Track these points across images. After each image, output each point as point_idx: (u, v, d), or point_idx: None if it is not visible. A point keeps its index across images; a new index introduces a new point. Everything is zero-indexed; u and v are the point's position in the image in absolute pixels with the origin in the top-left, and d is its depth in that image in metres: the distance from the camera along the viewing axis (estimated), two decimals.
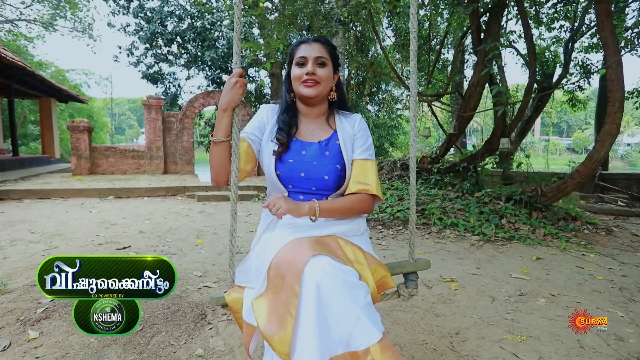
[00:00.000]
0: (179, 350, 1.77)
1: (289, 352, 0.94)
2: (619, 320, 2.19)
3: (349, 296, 0.96)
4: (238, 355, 1.74)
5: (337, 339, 0.94)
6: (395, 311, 2.27)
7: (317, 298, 0.94)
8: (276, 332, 0.96)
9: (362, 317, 0.94)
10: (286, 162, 1.23)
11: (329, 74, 1.25)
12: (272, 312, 0.99)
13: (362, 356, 0.93)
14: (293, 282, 0.97)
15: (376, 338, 0.94)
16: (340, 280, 0.97)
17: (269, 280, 1.04)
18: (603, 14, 3.82)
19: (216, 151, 1.20)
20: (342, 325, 0.94)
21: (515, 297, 2.52)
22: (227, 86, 1.17)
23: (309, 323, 0.94)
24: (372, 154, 1.29)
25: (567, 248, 3.71)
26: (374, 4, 7.02)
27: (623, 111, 4.00)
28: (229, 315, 2.11)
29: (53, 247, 3.39)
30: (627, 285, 2.76)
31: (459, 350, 1.84)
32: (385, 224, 4.53)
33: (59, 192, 6.21)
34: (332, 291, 0.95)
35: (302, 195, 1.24)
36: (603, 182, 7.51)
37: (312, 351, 0.92)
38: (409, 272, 1.37)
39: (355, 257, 1.13)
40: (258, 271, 1.12)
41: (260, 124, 1.30)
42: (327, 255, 1.02)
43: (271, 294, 1.02)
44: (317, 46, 1.24)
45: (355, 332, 0.93)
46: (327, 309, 0.95)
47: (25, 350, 1.72)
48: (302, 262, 0.98)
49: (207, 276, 2.76)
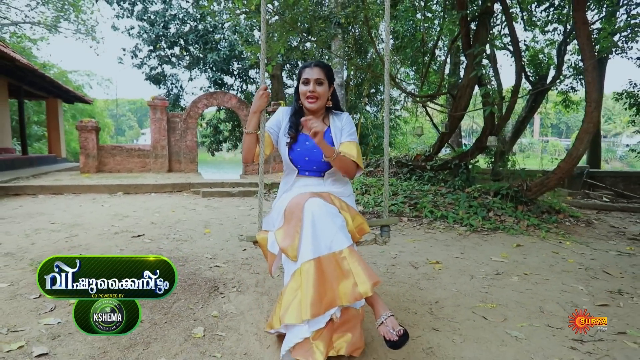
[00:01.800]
0: (197, 312, 2.08)
1: (296, 254, 1.52)
2: (578, 292, 2.51)
3: (331, 220, 1.54)
4: (248, 316, 2.05)
5: (323, 245, 1.51)
6: (384, 286, 2.58)
7: (312, 221, 1.52)
8: (289, 244, 1.53)
9: (338, 233, 1.53)
10: (295, 150, 1.81)
11: (326, 89, 1.78)
12: (286, 234, 1.56)
13: (338, 255, 1.50)
14: (298, 213, 1.55)
15: (347, 244, 1.52)
16: (326, 212, 1.56)
17: (285, 217, 1.62)
18: (580, 21, 4.14)
19: (247, 139, 1.77)
20: (326, 236, 1.51)
21: (492, 275, 2.83)
22: (256, 96, 1.72)
23: (307, 235, 1.51)
24: (355, 138, 1.83)
25: (546, 237, 4.03)
26: (370, 7, 7.34)
27: (600, 111, 4.32)
28: (238, 287, 2.44)
29: (74, 235, 3.70)
30: (593, 266, 3.08)
31: (436, 314, 2.15)
32: (379, 216, 4.85)
33: (71, 188, 6.53)
34: (321, 216, 1.53)
35: (308, 172, 1.82)
36: (591, 179, 7.82)
37: (308, 250, 1.49)
38: (383, 225, 1.94)
39: (342, 206, 1.70)
40: (277, 215, 1.69)
41: (277, 122, 1.86)
42: (320, 197, 1.62)
43: (285, 225, 1.60)
44: (317, 70, 1.76)
45: (334, 240, 1.51)
46: (318, 227, 1.52)
47: (68, 312, 2.02)
48: (303, 201, 1.58)
49: (216, 258, 3.07)
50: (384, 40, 10.28)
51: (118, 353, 1.65)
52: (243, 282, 2.54)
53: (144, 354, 1.65)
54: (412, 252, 3.43)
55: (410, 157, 7.50)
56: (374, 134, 12.04)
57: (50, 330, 1.82)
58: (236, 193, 6.80)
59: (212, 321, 1.98)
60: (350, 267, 1.47)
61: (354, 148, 1.77)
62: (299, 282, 1.48)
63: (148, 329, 1.87)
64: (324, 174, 1.82)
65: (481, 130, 6.26)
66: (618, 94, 9.43)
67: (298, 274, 1.49)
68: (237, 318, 2.03)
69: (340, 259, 1.49)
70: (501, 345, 1.81)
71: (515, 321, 2.07)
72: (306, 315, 1.41)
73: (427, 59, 8.03)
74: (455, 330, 1.96)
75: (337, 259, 1.49)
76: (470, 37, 5.57)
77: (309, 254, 1.48)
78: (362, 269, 1.47)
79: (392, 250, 3.44)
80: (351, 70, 12.70)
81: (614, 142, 42.31)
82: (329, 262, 1.48)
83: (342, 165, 1.72)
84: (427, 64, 7.72)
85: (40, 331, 1.81)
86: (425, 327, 1.98)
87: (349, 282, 1.45)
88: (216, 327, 1.92)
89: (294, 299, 1.47)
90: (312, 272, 1.45)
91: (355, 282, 1.45)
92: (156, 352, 1.67)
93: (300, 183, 1.82)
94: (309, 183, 1.81)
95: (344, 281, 1.46)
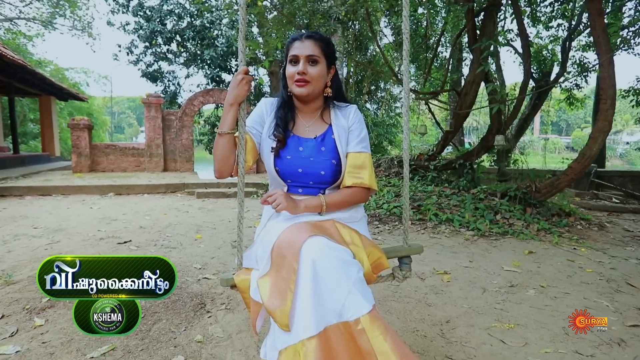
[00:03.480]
0: (179, 336, 1.84)
1: (288, 323, 1.02)
2: (604, 309, 2.27)
3: (342, 272, 1.04)
4: (236, 341, 1.82)
5: (330, 310, 1.01)
6: (388, 301, 2.34)
7: (313, 273, 1.02)
8: (278, 306, 1.03)
9: (353, 290, 1.02)
10: (284, 158, 1.28)
11: (321, 71, 1.27)
12: (275, 288, 1.07)
13: (354, 326, 1.00)
14: (292, 260, 1.05)
15: (366, 309, 1.01)
16: (334, 258, 1.06)
17: (272, 261, 1.12)
18: (595, 13, 3.89)
19: (221, 143, 1.24)
20: (335, 298, 1.01)
21: (506, 288, 2.60)
22: (233, 82, 1.22)
23: (305, 296, 1.01)
24: (367, 146, 1.33)
25: (559, 242, 3.79)
26: (371, 2, 7.08)
27: (614, 109, 4.07)
28: (227, 304, 2.20)
29: (55, 242, 3.46)
30: (614, 277, 2.84)
31: (448, 337, 1.91)
32: (381, 219, 4.61)
33: (60, 189, 6.28)
34: (327, 267, 1.04)
35: (301, 188, 1.31)
36: (599, 179, 7.58)
37: (308, 321, 0.99)
38: (403, 256, 1.47)
39: (352, 239, 1.21)
40: (263, 254, 1.19)
41: (259, 118, 1.34)
42: (323, 235, 1.10)
43: (274, 273, 1.10)
44: (309, 43, 1.25)
45: (347, 304, 1.01)
46: (322, 284, 1.02)
47: (32, 336, 1.79)
48: (300, 242, 1.07)
49: (206, 268, 2.83)
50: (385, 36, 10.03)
51: None
52: (233, 298, 2.30)
53: None
54: (418, 260, 3.18)
55: (413, 156, 7.25)
56: (375, 132, 11.78)
57: None
58: (232, 194, 6.56)
59: (195, 348, 1.74)
60: (372, 345, 0.99)
61: (366, 164, 1.30)
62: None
63: (120, 359, 1.63)
64: (325, 192, 1.32)
65: (487, 129, 6.01)
66: (625, 91, 9.17)
67: (292, 354, 1.01)
68: (223, 344, 1.79)
69: (356, 332, 1.00)
70: None
71: (538, 345, 1.83)
72: None
73: (429, 55, 7.77)
74: (471, 357, 1.72)
75: (352, 332, 1.01)
76: (477, 31, 5.32)
77: (311, 327, 0.99)
78: (391, 347, 0.98)
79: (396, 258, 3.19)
80: (351, 67, 12.43)
81: (614, 140, 42.16)
82: (339, 336, 1.01)
83: (343, 204, 1.30)
84: (430, 60, 7.46)
85: None
86: (437, 354, 1.75)
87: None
88: (199, 355, 1.68)
89: None
90: (316, 355, 0.97)
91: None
92: None
93: None
94: None
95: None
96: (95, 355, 1.64)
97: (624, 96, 9.33)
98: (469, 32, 5.39)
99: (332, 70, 1.33)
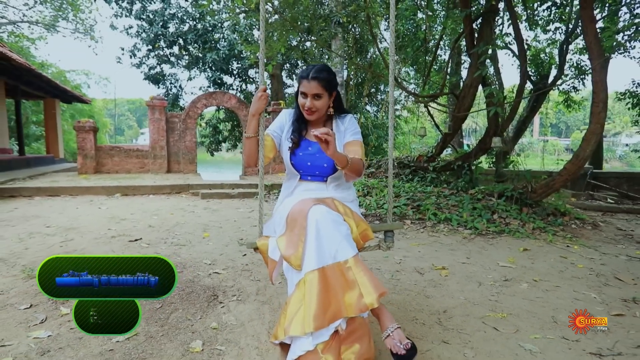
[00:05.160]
0: (195, 323, 1.99)
1: (300, 264, 1.47)
2: (591, 300, 2.42)
3: (335, 229, 1.49)
4: (248, 328, 1.96)
5: (327, 254, 1.46)
6: (390, 294, 2.48)
7: (316, 229, 1.47)
8: (292, 253, 1.48)
9: (343, 241, 1.48)
10: (297, 155, 1.76)
11: (324, 102, 1.70)
12: (289, 242, 1.51)
13: (343, 265, 1.46)
14: (302, 221, 1.50)
15: (352, 254, 1.47)
16: (330, 219, 1.50)
17: (287, 224, 1.57)
18: (587, 19, 4.05)
19: (248, 143, 1.71)
20: (331, 246, 1.46)
21: (500, 282, 2.74)
22: (255, 98, 1.66)
23: (311, 244, 1.46)
24: (359, 137, 1.78)
25: (553, 240, 3.94)
26: (371, 7, 7.24)
27: (607, 112, 4.23)
28: (238, 296, 2.35)
29: (69, 239, 3.60)
30: (604, 272, 2.98)
31: (445, 325, 2.05)
32: (382, 218, 4.75)
33: (68, 189, 6.42)
34: (325, 225, 1.48)
35: (310, 177, 1.77)
36: (595, 180, 7.73)
37: (313, 260, 1.45)
38: (387, 230, 1.90)
39: (345, 212, 1.63)
40: (279, 221, 1.65)
41: (280, 125, 1.82)
42: (323, 204, 1.55)
43: (288, 232, 1.55)
44: (314, 84, 1.64)
45: (339, 249, 1.46)
46: (322, 236, 1.47)
47: (60, 323, 1.93)
48: (307, 208, 1.52)
49: (216, 264, 2.98)
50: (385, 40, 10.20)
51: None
52: (243, 290, 2.44)
53: None
54: (417, 256, 3.33)
55: (413, 157, 7.40)
56: (375, 134, 11.94)
57: (40, 344, 1.72)
58: (236, 194, 6.70)
59: (211, 334, 1.89)
60: (356, 277, 1.44)
61: (359, 146, 1.75)
62: (303, 292, 1.44)
63: (144, 343, 1.77)
64: (327, 179, 1.77)
65: (485, 131, 6.16)
66: (621, 94, 9.33)
67: (302, 284, 1.46)
68: (237, 330, 1.93)
69: (345, 269, 1.45)
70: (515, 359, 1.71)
71: (528, 332, 1.97)
72: (309, 328, 1.37)
73: (428, 59, 7.93)
74: (466, 342, 1.86)
75: (342, 268, 1.45)
76: (475, 36, 5.47)
77: (313, 263, 1.44)
78: (368, 279, 1.43)
79: (396, 254, 3.34)
80: (351, 70, 12.59)
81: (614, 142, 42.34)
82: (333, 272, 1.44)
83: (353, 169, 1.63)
84: (429, 63, 7.62)
85: (29, 345, 1.71)
86: (435, 339, 1.89)
87: (354, 293, 1.42)
88: (215, 340, 1.83)
89: (298, 310, 1.43)
90: (316, 282, 1.42)
91: (361, 292, 1.41)
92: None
93: (302, 187, 1.77)
94: (311, 188, 1.76)
95: (349, 292, 1.43)
96: (120, 340, 1.78)
97: (620, 99, 9.49)
98: (466, 38, 5.55)
99: (333, 95, 1.75)
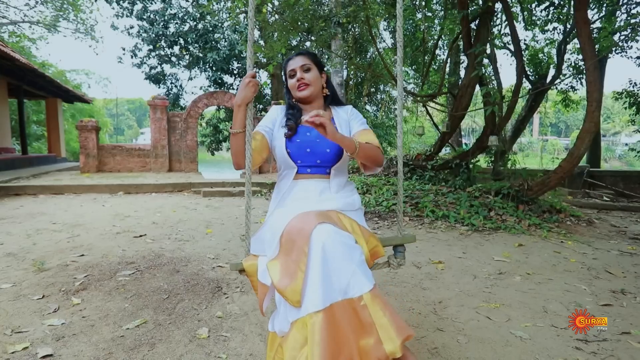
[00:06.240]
0: (201, 312, 2.08)
1: (300, 299, 1.14)
2: (581, 292, 2.51)
3: (347, 255, 1.17)
4: (252, 317, 2.05)
5: (337, 288, 1.13)
6: (387, 286, 2.58)
7: (323, 255, 1.15)
8: (288, 285, 1.16)
9: (357, 271, 1.16)
10: (295, 141, 1.47)
11: (316, 75, 1.52)
12: (284, 270, 1.19)
13: (357, 302, 1.13)
14: (302, 244, 1.17)
15: (368, 288, 1.15)
16: (340, 243, 1.18)
17: (281, 246, 1.24)
18: (581, 21, 4.14)
19: (234, 141, 1.41)
20: (341, 278, 1.14)
21: (495, 275, 2.83)
22: (241, 85, 1.38)
23: (315, 275, 1.13)
24: (368, 127, 1.56)
25: (548, 236, 4.04)
26: (371, 8, 7.33)
27: (600, 111, 4.32)
28: (242, 287, 2.44)
29: (75, 235, 3.69)
30: (595, 266, 3.08)
31: (440, 314, 2.15)
32: (381, 215, 4.85)
33: (72, 187, 6.52)
34: (334, 250, 1.16)
35: (309, 168, 1.48)
36: (591, 178, 7.83)
37: (317, 297, 1.11)
38: (397, 245, 1.59)
39: (352, 228, 1.32)
40: (271, 240, 1.31)
41: (272, 119, 1.55)
42: (330, 223, 1.23)
43: (283, 256, 1.22)
44: (300, 58, 1.52)
45: (352, 283, 1.14)
46: (330, 265, 1.15)
47: (72, 312, 2.03)
48: (310, 228, 1.19)
49: (219, 258, 3.07)
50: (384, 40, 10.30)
51: (123, 354, 1.65)
52: (246, 283, 2.53)
53: (149, 355, 1.65)
54: (415, 252, 3.42)
55: (411, 156, 7.49)
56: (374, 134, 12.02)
57: (54, 331, 1.82)
58: (237, 193, 6.80)
59: (216, 322, 1.98)
60: (373, 318, 1.12)
61: (372, 134, 1.51)
62: (304, 335, 1.13)
63: (152, 330, 1.86)
64: (330, 170, 1.48)
65: (482, 130, 6.26)
66: (618, 93, 9.43)
67: (301, 325, 1.13)
68: (241, 319, 2.03)
69: (359, 307, 1.13)
70: (506, 345, 1.81)
71: (519, 321, 2.07)
72: None
73: (427, 59, 8.03)
74: (459, 330, 1.96)
75: (356, 307, 1.13)
76: (472, 36, 5.57)
77: (318, 302, 1.10)
78: (389, 319, 1.11)
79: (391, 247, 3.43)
80: (351, 70, 12.69)
81: (613, 141, 42.43)
82: (344, 311, 1.12)
83: (368, 155, 1.39)
84: (427, 63, 7.71)
85: (44, 332, 1.80)
86: (430, 327, 1.98)
87: (371, 339, 1.11)
88: (221, 327, 1.92)
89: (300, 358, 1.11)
90: (321, 327, 1.08)
91: (379, 338, 1.10)
92: (161, 353, 1.67)
93: (299, 189, 1.47)
94: (310, 189, 1.46)
95: (364, 337, 1.11)
96: (130, 327, 1.88)
97: (617, 98, 9.59)
98: (464, 38, 5.64)
99: (324, 75, 1.57)
